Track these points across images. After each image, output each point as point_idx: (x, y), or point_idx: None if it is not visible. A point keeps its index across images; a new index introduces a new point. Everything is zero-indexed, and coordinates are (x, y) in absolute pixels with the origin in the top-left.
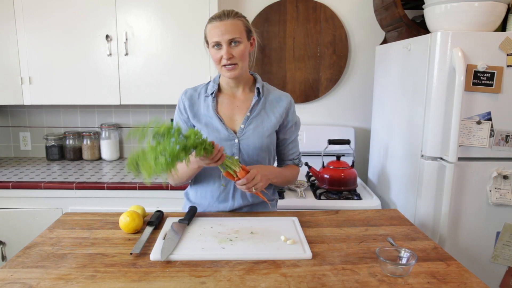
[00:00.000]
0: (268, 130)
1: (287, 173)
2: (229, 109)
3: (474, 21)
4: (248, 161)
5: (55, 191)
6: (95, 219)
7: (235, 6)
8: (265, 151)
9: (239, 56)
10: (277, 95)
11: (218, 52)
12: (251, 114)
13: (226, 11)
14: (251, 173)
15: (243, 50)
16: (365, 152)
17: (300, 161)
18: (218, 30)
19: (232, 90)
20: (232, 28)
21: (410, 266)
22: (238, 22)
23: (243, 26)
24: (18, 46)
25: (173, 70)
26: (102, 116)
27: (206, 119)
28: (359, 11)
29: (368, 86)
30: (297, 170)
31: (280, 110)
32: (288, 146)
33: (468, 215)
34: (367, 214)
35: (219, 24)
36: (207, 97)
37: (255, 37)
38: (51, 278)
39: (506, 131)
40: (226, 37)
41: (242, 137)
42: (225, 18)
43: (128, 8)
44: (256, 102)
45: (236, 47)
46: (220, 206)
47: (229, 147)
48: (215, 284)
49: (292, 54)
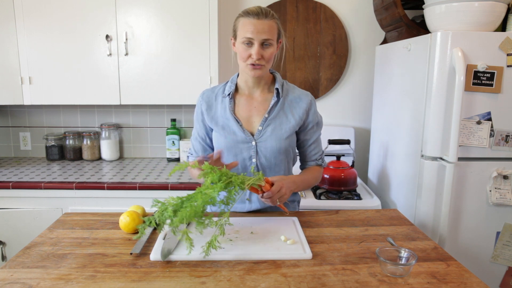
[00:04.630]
0: (286, 133)
1: (309, 179)
2: (246, 110)
3: (474, 21)
4: (265, 164)
5: (55, 191)
6: (95, 219)
7: (235, 6)
8: (283, 153)
9: (268, 58)
10: (296, 94)
11: (247, 49)
12: (269, 116)
13: (264, 9)
14: (276, 186)
15: (272, 53)
16: (365, 152)
17: (323, 161)
18: (253, 28)
19: (250, 90)
20: (268, 29)
21: (410, 266)
22: (274, 24)
23: (277, 29)
24: (18, 46)
25: (173, 70)
26: (102, 116)
27: (223, 121)
28: (359, 11)
29: (368, 86)
30: (320, 172)
31: (300, 111)
32: (310, 147)
33: (468, 215)
34: (367, 214)
35: (257, 22)
36: (224, 98)
37: (283, 40)
38: (51, 278)
39: (506, 131)
40: (261, 37)
41: (260, 139)
42: (263, 17)
43: (128, 8)
44: (275, 103)
45: (267, 48)
46: (238, 207)
47: (246, 149)
48: (215, 284)
49: (292, 54)
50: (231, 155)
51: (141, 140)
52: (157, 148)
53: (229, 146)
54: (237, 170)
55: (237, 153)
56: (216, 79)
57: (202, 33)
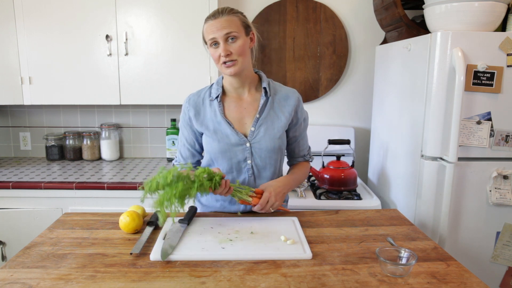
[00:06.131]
0: (279, 131)
1: (299, 176)
2: (237, 112)
3: (474, 21)
4: (260, 165)
5: (55, 191)
6: (95, 219)
7: (235, 6)
8: (277, 152)
9: (237, 52)
10: (284, 92)
11: (216, 50)
12: (261, 116)
13: (221, 8)
14: (263, 198)
15: (241, 46)
16: (365, 152)
17: (310, 156)
18: (214, 27)
19: (237, 92)
20: (227, 24)
21: (410, 266)
22: (234, 18)
23: (240, 22)
24: (18, 46)
25: (173, 70)
26: (102, 116)
27: (214, 125)
28: (359, 11)
29: (368, 86)
30: (308, 167)
31: (289, 108)
32: (299, 143)
33: (468, 215)
34: (367, 214)
35: (214, 22)
36: (212, 101)
37: (255, 33)
38: (51, 278)
39: (506, 131)
40: (222, 32)
41: (254, 140)
42: (220, 16)
43: (128, 8)
44: (265, 102)
45: (233, 43)
46: (232, 208)
47: (241, 151)
48: (215, 284)
49: (292, 54)
50: (225, 158)
51: (141, 140)
52: (157, 148)
53: (223, 150)
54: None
55: (232, 156)
56: (216, 79)
57: None
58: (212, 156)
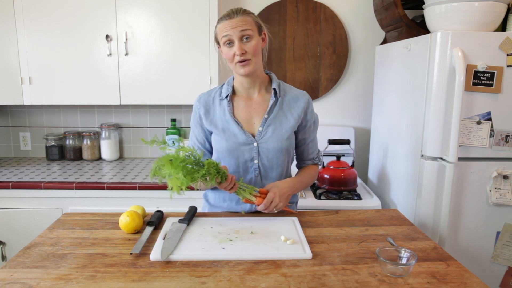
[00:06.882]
0: (287, 132)
1: (307, 179)
2: (246, 112)
3: (474, 21)
4: (267, 165)
5: (55, 191)
6: (95, 219)
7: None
8: (285, 153)
9: (252, 51)
10: (294, 94)
11: (230, 49)
12: (269, 116)
13: (234, 9)
14: (268, 198)
15: (255, 45)
16: (365, 152)
17: (319, 159)
18: (229, 26)
19: (247, 92)
20: (242, 23)
21: (410, 266)
22: (248, 18)
23: (253, 22)
24: (18, 46)
25: (173, 70)
26: (102, 116)
27: (223, 124)
28: (359, 11)
29: (368, 86)
30: (316, 171)
31: (298, 110)
32: (308, 146)
33: (468, 215)
34: (367, 214)
35: (229, 22)
36: (222, 101)
37: (266, 33)
38: (51, 278)
39: (506, 131)
40: (237, 30)
41: (261, 140)
42: (234, 16)
43: (128, 8)
44: (274, 103)
45: (248, 42)
46: (239, 209)
47: (248, 151)
48: (215, 284)
49: (292, 54)
50: (232, 157)
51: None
52: (157, 148)
53: (231, 149)
54: (238, 173)
55: (239, 155)
56: (216, 79)
57: (202, 33)
58: (220, 155)
